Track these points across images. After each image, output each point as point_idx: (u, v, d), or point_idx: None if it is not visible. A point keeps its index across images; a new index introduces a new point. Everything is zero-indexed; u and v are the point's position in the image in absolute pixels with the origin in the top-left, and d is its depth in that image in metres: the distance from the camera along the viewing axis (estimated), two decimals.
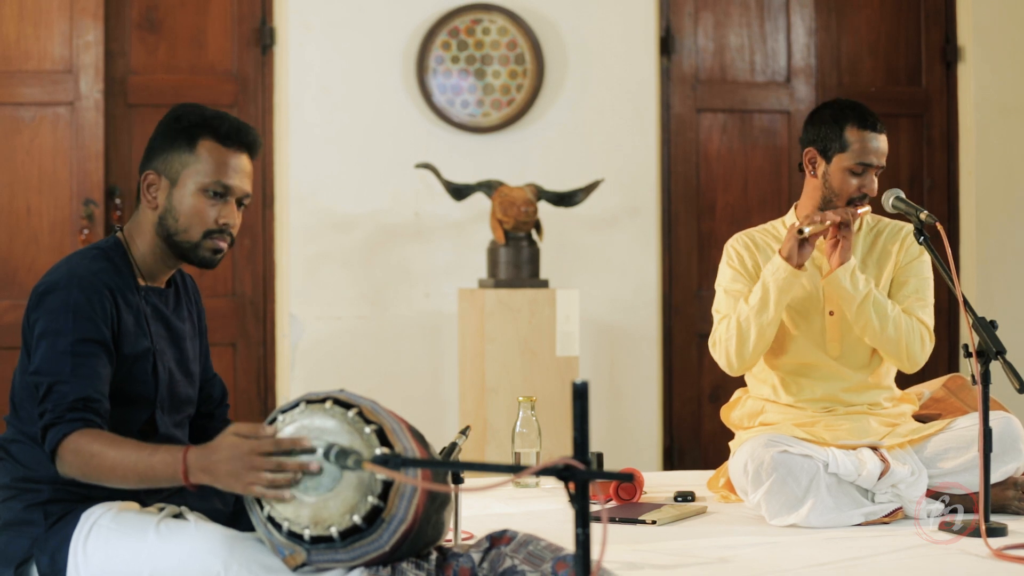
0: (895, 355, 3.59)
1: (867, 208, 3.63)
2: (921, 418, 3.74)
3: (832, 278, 3.55)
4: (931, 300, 3.67)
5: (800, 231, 3.49)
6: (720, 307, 3.68)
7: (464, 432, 3.21)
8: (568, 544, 2.32)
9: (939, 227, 3.32)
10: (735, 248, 3.71)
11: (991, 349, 3.18)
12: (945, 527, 3.34)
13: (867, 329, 3.57)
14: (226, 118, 2.78)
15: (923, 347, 3.61)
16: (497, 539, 2.62)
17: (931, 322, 3.65)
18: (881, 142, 3.63)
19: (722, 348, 3.62)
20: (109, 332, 2.65)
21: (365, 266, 5.67)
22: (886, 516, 3.47)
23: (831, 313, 3.64)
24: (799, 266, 3.52)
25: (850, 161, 3.61)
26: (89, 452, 2.53)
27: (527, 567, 2.55)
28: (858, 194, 3.61)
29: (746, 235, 3.74)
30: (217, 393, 3.01)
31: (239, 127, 2.78)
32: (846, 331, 3.64)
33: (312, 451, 2.46)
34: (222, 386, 3.03)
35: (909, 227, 3.70)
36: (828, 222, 3.52)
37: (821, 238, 3.61)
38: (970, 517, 3.37)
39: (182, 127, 2.75)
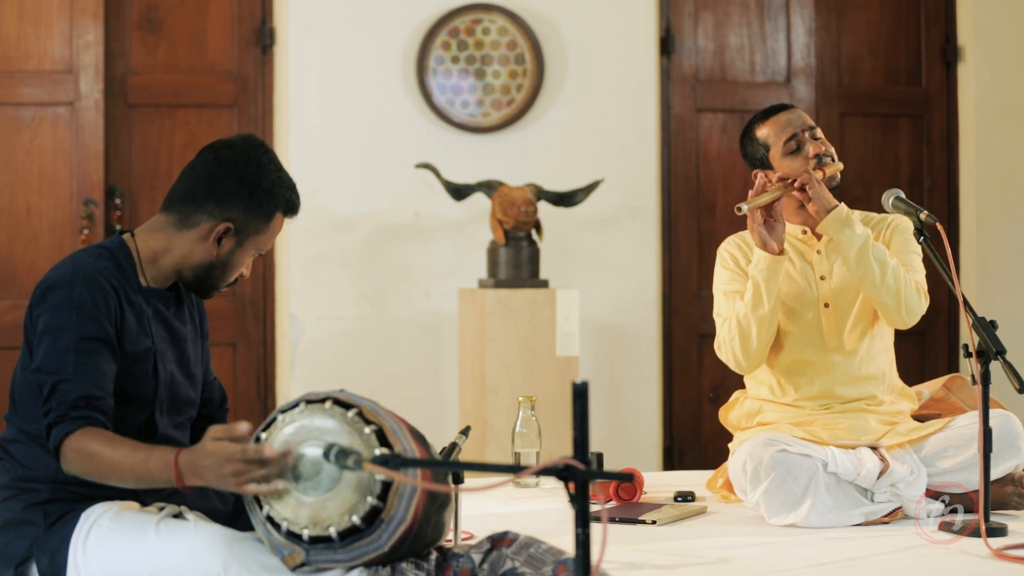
0: (894, 306, 3.53)
1: (837, 165, 3.62)
2: (920, 418, 3.74)
3: (828, 224, 3.51)
4: (921, 269, 3.64)
5: (738, 208, 3.48)
6: (721, 311, 3.67)
7: (464, 432, 3.21)
8: (569, 548, 2.32)
9: (939, 227, 3.32)
10: (728, 251, 3.71)
11: (991, 349, 3.18)
12: (945, 527, 3.33)
13: (867, 277, 3.51)
14: (294, 188, 2.83)
15: (919, 300, 3.57)
16: (498, 540, 2.62)
17: (924, 284, 3.62)
18: (794, 114, 3.65)
19: (728, 350, 3.61)
20: (113, 329, 2.65)
21: (365, 266, 5.67)
22: (886, 516, 3.47)
23: (826, 305, 3.64)
24: (779, 251, 3.52)
25: (779, 145, 3.62)
26: (89, 452, 2.54)
27: (527, 569, 2.55)
28: (813, 162, 3.60)
29: (738, 237, 3.74)
30: (217, 397, 3.01)
31: (298, 198, 2.84)
32: (843, 322, 3.64)
33: (290, 463, 2.46)
34: (221, 390, 3.04)
35: (896, 216, 3.69)
36: (769, 189, 3.52)
37: (803, 230, 3.61)
38: (970, 517, 3.37)
39: (264, 192, 2.77)
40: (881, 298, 3.53)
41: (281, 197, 2.79)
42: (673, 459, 5.94)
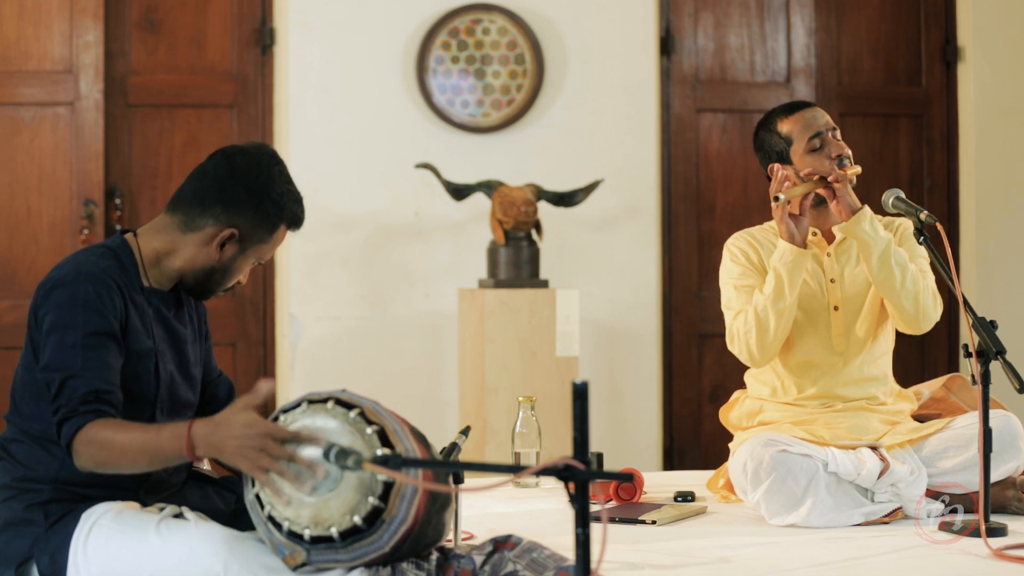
0: (912, 311, 3.54)
1: (856, 168, 3.62)
2: (920, 418, 3.74)
3: (853, 226, 3.50)
4: (931, 275, 3.64)
5: (776, 198, 3.48)
6: (731, 303, 3.65)
7: (464, 432, 3.21)
8: (569, 548, 2.32)
9: (939, 227, 3.32)
10: (737, 246, 3.71)
11: (991, 349, 3.18)
12: (945, 527, 3.34)
13: (888, 280, 3.51)
14: (301, 202, 2.84)
15: (935, 305, 3.57)
16: (501, 543, 2.62)
17: (936, 290, 3.62)
18: (817, 112, 3.66)
19: (742, 341, 3.59)
20: (118, 325, 2.66)
21: (365, 266, 5.67)
22: (886, 516, 3.47)
23: (836, 308, 3.64)
24: (803, 244, 3.52)
25: (802, 143, 3.62)
26: (100, 441, 2.54)
27: (529, 573, 2.55)
28: (835, 161, 3.60)
29: (746, 233, 3.74)
30: (223, 393, 3.01)
31: (304, 212, 2.84)
32: (850, 325, 3.64)
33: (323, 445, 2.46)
34: (228, 385, 3.03)
35: (903, 220, 3.70)
36: (804, 182, 3.53)
37: (825, 229, 3.61)
38: (970, 517, 3.37)
39: (272, 203, 2.77)
40: (900, 302, 3.54)
41: (288, 210, 2.79)
42: (673, 459, 5.94)
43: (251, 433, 2.45)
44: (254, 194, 2.75)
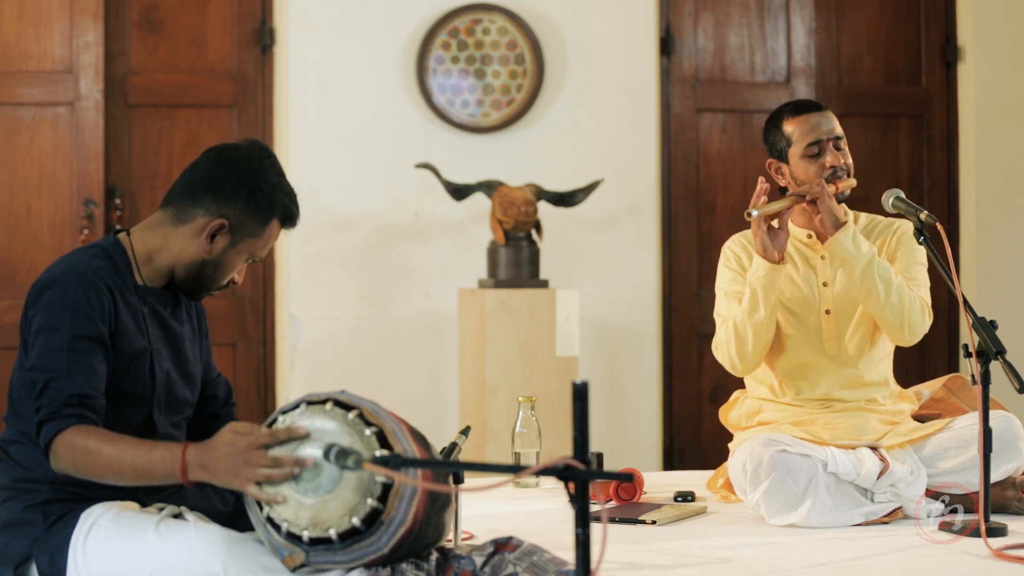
0: (897, 325, 3.53)
1: (850, 181, 3.61)
2: (921, 418, 3.74)
3: (834, 242, 3.50)
4: (926, 282, 3.64)
5: (748, 214, 3.47)
6: (721, 310, 3.66)
7: (464, 432, 3.21)
8: (569, 548, 2.32)
9: (939, 227, 3.32)
10: (732, 250, 3.71)
11: (991, 349, 3.18)
12: (945, 527, 3.33)
13: (871, 295, 3.51)
14: (295, 199, 2.83)
15: (923, 318, 3.56)
16: (502, 545, 2.61)
17: (928, 299, 3.62)
18: (824, 117, 3.63)
19: (724, 351, 3.61)
20: (107, 329, 2.65)
21: (365, 266, 5.67)
22: (886, 516, 3.47)
23: (828, 312, 3.64)
24: (780, 260, 3.51)
25: (801, 146, 3.61)
26: (84, 448, 2.53)
27: None
28: (828, 172, 3.59)
29: (743, 236, 3.73)
30: (222, 393, 3.01)
31: (298, 209, 2.84)
32: (843, 329, 3.64)
33: (306, 437, 2.46)
34: (227, 386, 3.02)
35: (902, 222, 3.69)
36: (781, 200, 3.52)
37: (808, 234, 3.61)
38: (970, 517, 3.37)
39: (263, 195, 2.76)
40: (884, 315, 3.53)
41: (279, 203, 2.78)
42: (673, 459, 5.94)
43: (234, 450, 2.46)
44: (245, 185, 2.75)
